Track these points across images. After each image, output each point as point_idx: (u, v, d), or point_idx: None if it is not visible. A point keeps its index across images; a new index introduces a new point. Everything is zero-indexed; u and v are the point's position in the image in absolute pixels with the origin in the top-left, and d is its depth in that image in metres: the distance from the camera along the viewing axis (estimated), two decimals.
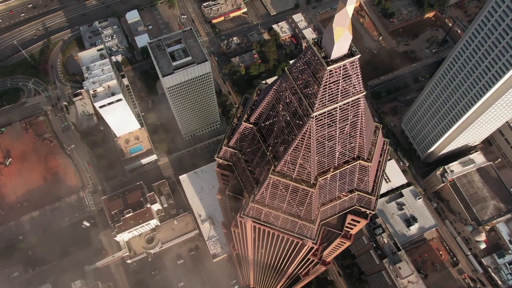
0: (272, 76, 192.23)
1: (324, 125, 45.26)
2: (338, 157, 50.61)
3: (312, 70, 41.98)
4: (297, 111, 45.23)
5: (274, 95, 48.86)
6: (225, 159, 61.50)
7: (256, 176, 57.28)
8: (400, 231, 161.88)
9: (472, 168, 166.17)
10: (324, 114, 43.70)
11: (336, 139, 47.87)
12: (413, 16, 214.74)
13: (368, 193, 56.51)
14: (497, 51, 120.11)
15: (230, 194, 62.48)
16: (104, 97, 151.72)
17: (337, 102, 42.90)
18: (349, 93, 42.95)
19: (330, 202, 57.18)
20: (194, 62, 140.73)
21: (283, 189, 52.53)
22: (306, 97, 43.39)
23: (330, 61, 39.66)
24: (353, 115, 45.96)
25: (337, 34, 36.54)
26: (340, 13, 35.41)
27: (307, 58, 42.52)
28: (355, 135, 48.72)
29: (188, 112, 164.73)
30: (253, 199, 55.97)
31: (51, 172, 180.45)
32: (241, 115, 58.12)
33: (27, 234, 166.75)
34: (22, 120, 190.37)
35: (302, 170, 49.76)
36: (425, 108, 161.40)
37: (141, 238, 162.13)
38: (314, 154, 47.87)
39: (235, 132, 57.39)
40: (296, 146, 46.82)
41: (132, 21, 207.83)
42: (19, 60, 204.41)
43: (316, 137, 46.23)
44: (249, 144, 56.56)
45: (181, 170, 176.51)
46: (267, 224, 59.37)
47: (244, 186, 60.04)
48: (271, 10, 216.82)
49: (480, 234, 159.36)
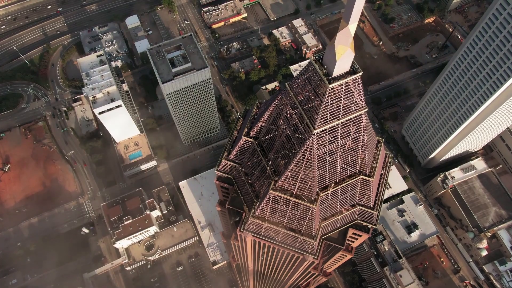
0: (272, 82, 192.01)
1: (325, 141, 44.60)
2: (340, 173, 49.89)
3: (313, 87, 41.35)
4: (298, 127, 44.56)
5: (275, 110, 48.21)
6: (225, 172, 60.75)
7: (256, 190, 56.53)
8: (401, 238, 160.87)
9: (473, 175, 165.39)
10: (326, 130, 43.05)
11: (338, 155, 47.18)
12: (413, 21, 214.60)
13: (370, 207, 55.72)
14: (498, 58, 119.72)
15: (230, 208, 61.66)
16: (104, 103, 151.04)
17: (338, 119, 42.25)
18: (351, 109, 42.30)
19: (332, 216, 56.39)
20: (194, 69, 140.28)
21: (283, 205, 51.77)
22: (307, 113, 42.73)
23: (332, 79, 39.03)
24: (354, 131, 45.30)
25: (339, 53, 35.91)
26: (343, 31, 34.79)
27: (309, 74, 41.91)
28: (356, 150, 48.03)
29: (188, 118, 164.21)
30: (253, 213, 55.19)
31: (50, 178, 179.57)
32: (241, 128, 57.45)
33: (26, 241, 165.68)
34: (21, 126, 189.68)
35: (303, 186, 49.02)
36: (425, 114, 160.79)
37: (141, 245, 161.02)
38: (315, 170, 47.15)
39: (235, 146, 56.70)
40: (297, 162, 46.12)
41: (132, 26, 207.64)
42: (18, 65, 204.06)
43: (317, 154, 45.55)
44: (249, 157, 55.85)
45: (180, 176, 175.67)
46: (267, 238, 58.54)
47: (244, 200, 59.28)
48: (271, 15, 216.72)
49: (482, 241, 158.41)
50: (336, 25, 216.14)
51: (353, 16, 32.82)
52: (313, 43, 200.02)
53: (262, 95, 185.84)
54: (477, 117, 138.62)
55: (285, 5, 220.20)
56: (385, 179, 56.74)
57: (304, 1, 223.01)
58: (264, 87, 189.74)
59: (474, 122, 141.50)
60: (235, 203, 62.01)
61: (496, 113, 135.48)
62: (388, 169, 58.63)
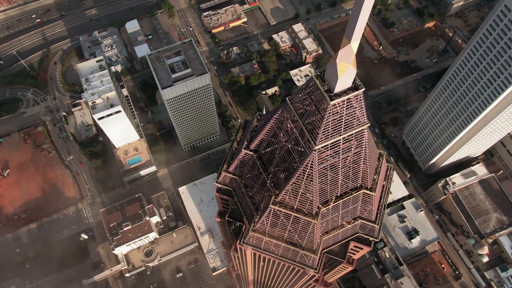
0: (272, 87, 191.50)
1: (327, 157, 43.96)
2: (341, 187, 49.22)
3: (314, 102, 40.73)
4: (299, 142, 43.94)
5: (275, 124, 47.59)
6: (225, 184, 60.05)
7: (256, 203, 55.85)
8: (401, 244, 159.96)
9: (474, 180, 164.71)
10: (327, 146, 42.41)
11: (339, 170, 46.53)
12: (413, 26, 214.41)
13: (372, 221, 55.00)
14: (499, 65, 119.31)
15: (230, 220, 60.93)
16: (103, 108, 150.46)
17: (340, 135, 41.63)
18: (353, 125, 41.68)
19: (333, 230, 55.66)
20: (194, 74, 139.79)
21: (284, 219, 51.07)
22: (308, 129, 42.10)
23: (333, 95, 38.42)
24: (356, 146, 44.68)
25: (341, 70, 35.32)
26: (345, 49, 34.21)
27: (310, 90, 41.30)
28: (358, 164, 47.39)
29: (188, 123, 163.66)
30: (253, 227, 54.46)
31: (49, 183, 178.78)
32: (241, 140, 56.80)
33: (25, 247, 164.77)
34: (20, 131, 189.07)
35: (304, 200, 48.33)
36: (426, 119, 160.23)
37: (140, 251, 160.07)
38: (317, 184, 46.48)
39: (235, 158, 56.04)
40: (298, 177, 45.46)
41: (132, 30, 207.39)
42: (18, 69, 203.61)
43: (318, 168, 44.88)
44: (249, 170, 55.19)
45: (180, 182, 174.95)
46: (267, 252, 57.78)
47: (244, 213, 58.57)
48: (271, 20, 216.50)
49: (483, 247, 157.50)
50: (336, 30, 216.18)
51: (355, 34, 32.25)
52: (313, 47, 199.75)
53: (262, 100, 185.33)
54: (479, 123, 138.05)
55: (285, 9, 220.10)
56: (387, 191, 56.04)
57: (304, 5, 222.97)
58: (264, 92, 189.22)
59: (476, 128, 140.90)
60: (235, 215, 61.30)
61: (497, 119, 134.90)
62: (389, 181, 57.94)
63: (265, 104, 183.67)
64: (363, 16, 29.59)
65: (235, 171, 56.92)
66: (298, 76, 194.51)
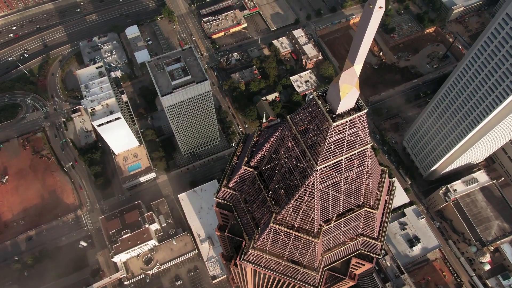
0: (272, 93, 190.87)
1: (328, 176, 43.18)
2: (343, 205, 48.42)
3: (316, 122, 40.01)
4: (300, 162, 43.17)
5: (276, 142, 46.84)
6: (224, 200, 59.23)
7: (256, 219, 55.01)
8: (402, 252, 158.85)
9: (475, 187, 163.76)
10: (329, 166, 41.65)
11: (341, 189, 45.73)
12: (414, 32, 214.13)
13: (374, 238, 54.13)
14: (500, 73, 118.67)
15: (230, 236, 60.06)
16: (103, 115, 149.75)
17: (342, 155, 40.87)
18: (355, 145, 40.95)
19: (335, 248, 54.79)
20: (194, 81, 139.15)
21: (285, 237, 50.23)
22: (309, 148, 41.36)
23: (335, 116, 37.68)
24: (358, 165, 43.91)
25: (344, 91, 34.61)
26: (348, 71, 33.51)
27: (311, 109, 40.58)
28: (360, 183, 46.61)
29: (188, 130, 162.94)
30: (253, 245, 53.58)
31: (48, 189, 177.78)
32: (241, 155, 56.06)
33: (23, 254, 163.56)
34: (19, 137, 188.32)
35: (305, 219, 47.54)
36: (427, 126, 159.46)
37: (139, 259, 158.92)
38: (318, 204, 45.70)
39: (234, 174, 55.26)
40: (299, 196, 44.67)
41: (132, 36, 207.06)
42: (18, 75, 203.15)
43: (320, 188, 44.10)
44: (249, 186, 54.41)
45: (180, 188, 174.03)
46: (267, 269, 56.87)
47: (244, 228, 57.71)
48: (271, 26, 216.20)
49: (484, 255, 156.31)
50: (336, 35, 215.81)
51: (359, 57, 31.55)
52: (313, 53, 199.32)
53: (262, 106, 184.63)
54: (480, 130, 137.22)
55: (285, 15, 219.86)
56: (390, 208, 55.21)
57: (305, 11, 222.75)
58: (264, 98, 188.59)
59: (477, 135, 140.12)
60: (235, 231, 60.45)
61: (499, 127, 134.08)
62: (392, 196, 57.12)
63: (265, 110, 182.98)
64: (366, 40, 28.89)
65: (235, 186, 56.14)
66: (299, 82, 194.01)
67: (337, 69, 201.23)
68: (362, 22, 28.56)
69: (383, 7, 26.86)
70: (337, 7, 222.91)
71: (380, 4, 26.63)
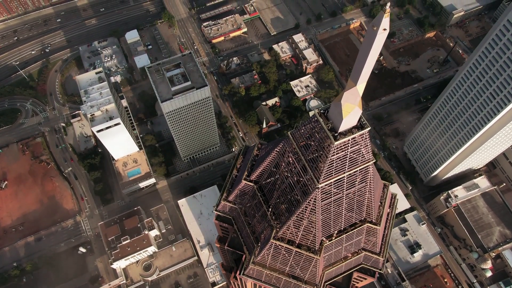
0: (273, 97, 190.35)
1: (330, 193, 42.48)
2: (345, 221, 47.71)
3: (318, 139, 39.35)
4: (302, 178, 42.48)
5: (276, 158, 46.16)
6: (224, 213, 58.49)
7: (256, 233, 54.25)
8: (403, 258, 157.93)
9: (476, 193, 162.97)
10: (331, 183, 40.98)
11: (343, 205, 45.03)
12: (414, 36, 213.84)
13: (376, 253, 53.37)
14: (502, 79, 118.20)
15: (230, 249, 59.28)
16: (102, 121, 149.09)
17: (344, 172, 40.22)
18: (357, 162, 40.29)
19: (336, 263, 54.02)
20: (194, 87, 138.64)
21: (285, 253, 49.46)
22: (311, 166, 40.69)
23: (338, 135, 37.02)
24: (360, 181, 43.22)
25: (346, 111, 33.97)
26: (350, 91, 32.90)
27: (313, 126, 39.92)
28: (362, 199, 45.90)
29: (188, 135, 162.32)
30: (253, 260, 52.80)
31: (47, 195, 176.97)
32: (241, 167, 55.37)
33: (22, 260, 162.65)
34: (19, 142, 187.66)
35: (306, 236, 46.82)
36: (428, 132, 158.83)
37: (139, 265, 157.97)
38: (319, 220, 45.00)
39: (234, 187, 54.55)
40: (300, 213, 43.95)
41: (132, 41, 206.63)
42: (17, 80, 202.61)
43: (321, 205, 43.39)
44: (249, 200, 53.70)
45: (180, 194, 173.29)
46: (268, 284, 56.07)
47: (244, 242, 56.93)
48: (271, 30, 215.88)
49: (486, 262, 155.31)
50: (337, 40, 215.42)
51: (362, 77, 30.90)
52: (313, 58, 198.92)
53: (262, 111, 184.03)
54: (481, 136, 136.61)
55: (286, 20, 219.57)
56: (392, 222, 54.47)
57: (305, 15, 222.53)
58: (265, 103, 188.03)
59: (478, 141, 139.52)
60: (235, 244, 59.70)
61: (500, 133, 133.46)
62: (394, 210, 56.40)
63: (266, 115, 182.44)
64: (370, 61, 28.26)
65: (235, 200, 55.43)
66: (299, 87, 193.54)
67: (337, 74, 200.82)
68: (366, 43, 27.94)
69: (387, 29, 26.29)
70: (337, 11, 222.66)
71: (384, 26, 26.05)
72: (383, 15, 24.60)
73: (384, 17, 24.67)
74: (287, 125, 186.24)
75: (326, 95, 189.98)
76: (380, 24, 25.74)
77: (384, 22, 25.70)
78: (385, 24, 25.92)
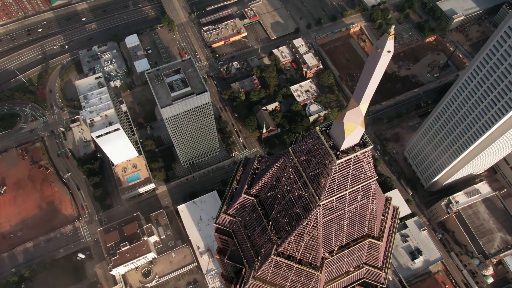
0: (273, 102, 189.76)
1: (332, 210, 41.81)
2: (347, 236, 47.00)
3: (319, 157, 38.71)
4: (303, 195, 41.80)
5: (277, 172, 45.49)
6: (224, 226, 57.76)
7: (256, 245, 53.49)
8: (404, 264, 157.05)
9: (477, 199, 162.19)
10: (333, 200, 40.31)
11: (345, 220, 44.34)
12: (414, 40, 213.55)
13: (378, 268, 52.62)
14: (503, 86, 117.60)
15: (229, 262, 58.53)
16: (101, 126, 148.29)
17: (346, 189, 39.54)
18: (359, 179, 39.62)
19: (338, 278, 53.23)
20: (193, 93, 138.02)
21: (286, 269, 48.72)
22: (312, 183, 40.02)
23: (339, 153, 36.37)
24: (362, 198, 42.55)
25: (349, 130, 33.33)
26: (353, 111, 32.30)
27: (314, 143, 39.27)
28: (365, 214, 45.21)
29: (187, 140, 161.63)
30: (253, 275, 52.04)
31: (46, 200, 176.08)
32: (241, 179, 54.68)
33: (20, 266, 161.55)
34: (18, 147, 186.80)
35: (307, 252, 46.07)
36: (429, 137, 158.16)
37: (138, 272, 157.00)
38: (321, 236, 44.28)
39: (234, 200, 53.85)
40: (301, 229, 43.25)
41: (132, 45, 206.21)
42: (16, 84, 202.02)
43: (323, 221, 42.71)
44: (250, 213, 53.00)
45: (179, 199, 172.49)
46: None
47: (244, 256, 56.17)
48: (271, 35, 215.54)
49: (487, 268, 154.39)
50: (337, 44, 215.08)
51: (365, 97, 30.29)
52: (313, 62, 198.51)
53: (262, 116, 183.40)
54: (483, 142, 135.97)
55: (286, 24, 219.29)
56: (394, 236, 53.75)
57: (305, 20, 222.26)
58: (265, 108, 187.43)
59: (479, 147, 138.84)
60: (235, 257, 58.92)
61: (502, 139, 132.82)
62: (396, 224, 55.67)
63: (265, 120, 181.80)
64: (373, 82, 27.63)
65: (234, 213, 54.72)
66: (299, 91, 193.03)
67: (338, 79, 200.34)
68: (369, 65, 27.34)
69: (391, 51, 25.67)
70: (337, 16, 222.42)
71: (389, 49, 25.45)
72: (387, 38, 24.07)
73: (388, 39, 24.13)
74: (287, 130, 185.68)
75: (326, 99, 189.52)
76: (384, 46, 25.14)
77: (389, 45, 25.09)
78: (389, 46, 25.30)
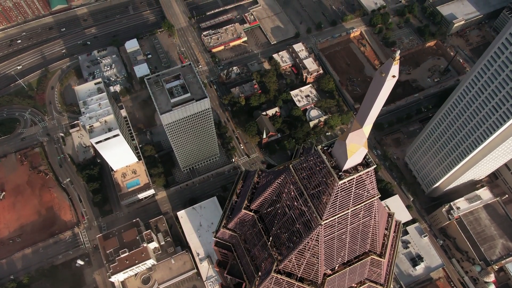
0: (273, 107, 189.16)
1: (333, 227, 41.07)
2: (349, 254, 46.24)
3: (321, 176, 37.99)
4: (304, 213, 41.06)
5: (278, 189, 44.76)
6: (223, 240, 56.98)
7: (256, 262, 52.67)
8: (405, 271, 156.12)
9: (478, 205, 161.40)
10: (334, 219, 39.58)
11: (347, 238, 43.59)
12: (415, 45, 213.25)
13: (380, 284, 51.83)
14: (504, 92, 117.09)
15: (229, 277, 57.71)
16: (101, 132, 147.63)
17: (348, 208, 38.82)
18: (362, 198, 38.91)
19: None
20: (193, 99, 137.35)
21: (287, 287, 47.89)
22: (313, 201, 39.30)
23: (342, 173, 35.67)
24: (365, 215, 41.83)
25: (351, 151, 32.65)
26: (356, 132, 31.61)
27: (315, 162, 38.56)
28: (367, 231, 44.45)
29: (187, 146, 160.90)
30: None
31: (45, 206, 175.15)
32: (241, 193, 53.93)
33: (19, 273, 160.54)
34: (17, 152, 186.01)
35: (308, 270, 45.29)
36: (429, 143, 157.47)
37: (137, 278, 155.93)
38: (322, 254, 43.49)
39: (234, 215, 53.09)
40: (302, 248, 42.48)
41: (131, 50, 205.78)
42: (16, 89, 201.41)
43: (324, 240, 41.95)
44: (250, 228, 52.22)
45: (179, 205, 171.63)
46: None
47: (244, 271, 55.34)
48: (271, 39, 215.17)
49: (489, 275, 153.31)
50: (337, 49, 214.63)
51: (368, 120, 29.61)
52: (314, 67, 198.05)
53: (262, 121, 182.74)
54: (484, 149, 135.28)
55: (286, 29, 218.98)
56: (396, 252, 52.95)
57: (305, 24, 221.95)
58: (265, 113, 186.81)
59: (481, 153, 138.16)
60: (235, 272, 58.07)
61: (503, 145, 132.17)
62: (399, 237, 54.88)
63: (266, 125, 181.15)
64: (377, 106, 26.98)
65: (234, 228, 53.96)
66: (299, 96, 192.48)
67: (338, 83, 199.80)
68: (373, 89, 26.72)
69: (396, 76, 25.02)
70: (338, 20, 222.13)
71: (394, 73, 24.81)
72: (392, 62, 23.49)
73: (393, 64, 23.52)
74: (287, 135, 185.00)
75: (327, 104, 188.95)
76: (389, 71, 24.53)
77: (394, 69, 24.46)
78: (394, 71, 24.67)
